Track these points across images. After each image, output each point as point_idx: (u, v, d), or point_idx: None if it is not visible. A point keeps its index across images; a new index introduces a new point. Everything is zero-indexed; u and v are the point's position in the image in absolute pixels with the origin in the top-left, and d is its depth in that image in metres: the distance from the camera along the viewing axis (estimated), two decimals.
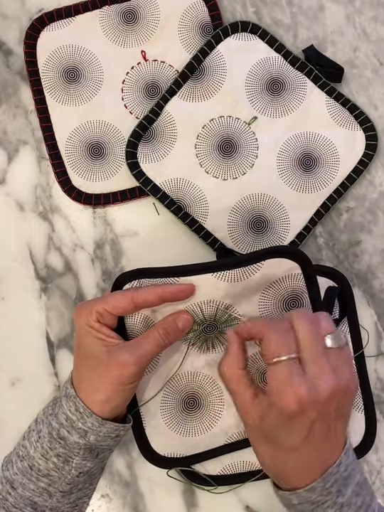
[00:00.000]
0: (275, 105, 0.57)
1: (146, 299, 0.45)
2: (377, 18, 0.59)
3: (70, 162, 0.57)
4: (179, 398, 0.51)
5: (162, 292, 0.45)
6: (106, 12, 0.57)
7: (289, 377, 0.38)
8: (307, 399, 0.38)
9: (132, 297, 0.45)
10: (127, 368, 0.44)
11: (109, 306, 0.45)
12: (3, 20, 0.59)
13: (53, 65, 0.57)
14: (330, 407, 0.39)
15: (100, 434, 0.44)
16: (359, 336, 0.54)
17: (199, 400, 0.52)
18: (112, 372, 0.44)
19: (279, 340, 0.40)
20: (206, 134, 0.56)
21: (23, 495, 0.45)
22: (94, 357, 0.45)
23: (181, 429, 0.52)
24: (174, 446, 0.52)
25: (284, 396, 0.38)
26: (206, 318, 0.48)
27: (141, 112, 0.57)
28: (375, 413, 0.54)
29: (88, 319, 0.45)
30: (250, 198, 0.56)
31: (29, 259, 0.57)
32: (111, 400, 0.44)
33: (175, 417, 0.52)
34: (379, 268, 0.57)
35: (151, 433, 0.51)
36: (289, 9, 0.59)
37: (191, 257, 0.57)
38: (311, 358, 0.39)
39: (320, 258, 0.57)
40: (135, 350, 0.44)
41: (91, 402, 0.44)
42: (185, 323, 0.47)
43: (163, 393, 0.51)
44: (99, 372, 0.44)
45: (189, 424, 0.52)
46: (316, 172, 0.57)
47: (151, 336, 0.46)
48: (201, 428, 0.52)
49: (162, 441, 0.52)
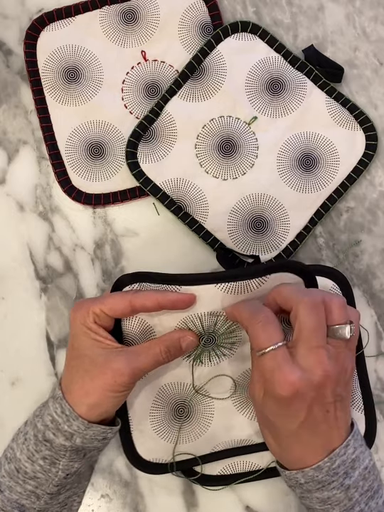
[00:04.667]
0: (275, 105, 0.57)
1: (144, 304, 0.44)
2: (377, 18, 0.59)
3: (70, 162, 0.57)
4: (169, 406, 0.51)
5: (162, 299, 0.44)
6: (106, 12, 0.57)
7: (279, 366, 0.39)
8: (299, 384, 0.39)
9: (130, 300, 0.44)
10: (122, 376, 0.43)
11: (107, 307, 0.44)
12: (3, 20, 0.59)
13: (53, 65, 0.57)
14: (325, 391, 0.40)
15: (86, 436, 0.44)
16: (359, 336, 0.54)
17: (188, 409, 0.51)
18: (105, 378, 0.43)
19: (263, 331, 0.40)
20: (206, 133, 0.56)
21: (11, 498, 0.44)
22: (89, 359, 0.44)
23: (169, 436, 0.51)
24: (161, 453, 0.52)
25: (275, 384, 0.39)
26: (205, 330, 0.47)
27: (141, 111, 0.57)
28: (375, 413, 0.54)
29: (85, 319, 0.44)
30: (250, 198, 0.56)
31: (29, 259, 0.57)
32: (100, 405, 0.44)
33: (164, 424, 0.51)
34: (379, 268, 0.57)
35: (137, 438, 0.51)
36: (289, 9, 0.59)
37: (191, 257, 0.57)
38: (304, 349, 0.40)
39: (320, 258, 0.57)
40: (132, 361, 0.44)
41: (79, 404, 0.44)
42: (189, 345, 0.46)
43: (153, 400, 0.51)
44: (92, 375, 0.44)
45: (177, 432, 0.51)
46: (316, 172, 0.57)
47: (151, 350, 0.45)
48: (189, 436, 0.52)
49: (149, 447, 0.51)
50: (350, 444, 0.41)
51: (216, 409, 0.51)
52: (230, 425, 0.52)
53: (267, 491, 0.54)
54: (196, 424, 0.52)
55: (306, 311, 0.40)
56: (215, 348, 0.49)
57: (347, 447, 0.41)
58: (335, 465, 0.40)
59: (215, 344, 0.48)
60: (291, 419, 0.40)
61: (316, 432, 0.41)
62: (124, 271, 0.57)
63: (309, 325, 0.40)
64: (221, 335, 0.48)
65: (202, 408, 0.51)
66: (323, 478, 0.41)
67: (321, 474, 0.41)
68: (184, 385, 0.51)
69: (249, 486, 0.54)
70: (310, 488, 0.42)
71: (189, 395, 0.51)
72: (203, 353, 0.49)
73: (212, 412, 0.51)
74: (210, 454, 0.52)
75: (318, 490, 0.41)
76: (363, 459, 0.42)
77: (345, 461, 0.41)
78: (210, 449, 0.52)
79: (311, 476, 0.41)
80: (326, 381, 0.39)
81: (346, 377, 0.41)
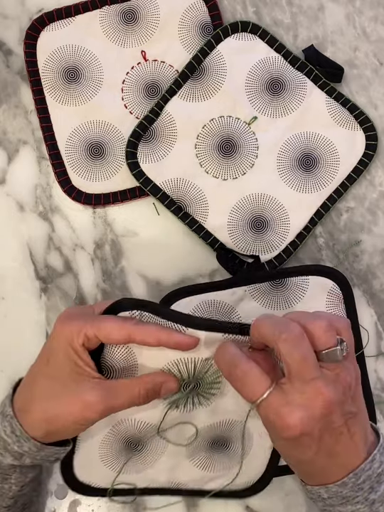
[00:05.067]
0: (275, 105, 0.57)
1: (144, 340, 0.41)
2: (377, 18, 0.59)
3: (70, 162, 0.57)
4: (124, 439, 0.49)
5: (165, 339, 0.41)
6: (106, 12, 0.57)
7: (275, 413, 0.37)
8: (302, 424, 0.37)
9: (130, 333, 0.41)
10: (92, 413, 0.40)
11: (102, 333, 0.41)
12: (3, 20, 0.58)
13: (53, 65, 0.57)
14: (332, 417, 0.38)
15: (37, 457, 0.42)
16: (359, 336, 0.54)
17: (142, 446, 0.49)
18: (74, 409, 0.40)
19: (245, 386, 0.38)
20: (206, 133, 0.56)
21: None
22: (61, 383, 0.41)
23: (113, 465, 0.50)
24: (99, 478, 0.50)
25: (278, 430, 0.38)
26: (194, 376, 0.45)
27: (141, 112, 0.57)
28: (375, 413, 0.54)
29: (73, 339, 0.40)
30: (250, 198, 0.56)
31: (29, 259, 0.57)
32: (60, 433, 0.42)
33: (112, 453, 0.49)
34: (379, 268, 0.57)
35: (79, 458, 0.49)
36: (289, 9, 0.59)
37: (191, 257, 0.57)
38: (298, 384, 0.37)
39: (320, 258, 0.57)
40: (107, 399, 0.41)
41: (37, 428, 0.41)
42: (168, 392, 0.43)
43: (110, 429, 0.48)
44: (60, 402, 0.40)
45: (123, 463, 0.50)
46: (316, 172, 0.57)
47: (130, 391, 0.42)
48: (132, 468, 0.50)
49: (88, 470, 0.50)
50: (376, 458, 0.40)
51: (168, 451, 0.50)
52: (174, 467, 0.51)
53: (267, 491, 0.54)
54: (143, 459, 0.50)
55: (287, 347, 0.37)
56: (195, 395, 0.46)
57: (373, 462, 0.39)
58: (360, 480, 0.39)
59: (196, 391, 0.46)
60: (305, 453, 0.39)
61: (333, 454, 0.39)
62: (124, 271, 0.57)
63: (295, 360, 0.37)
64: (207, 384, 0.45)
65: (154, 447, 0.50)
66: (348, 494, 0.39)
67: (346, 490, 0.39)
68: (148, 425, 0.47)
69: None
70: (333, 503, 0.40)
71: (148, 434, 0.48)
72: (181, 398, 0.46)
73: (163, 453, 0.50)
74: (148, 488, 0.51)
75: (341, 504, 0.40)
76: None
77: (370, 476, 0.39)
78: (147, 483, 0.51)
79: (335, 492, 0.40)
80: (330, 409, 0.37)
81: (352, 391, 0.39)
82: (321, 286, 0.53)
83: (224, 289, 0.53)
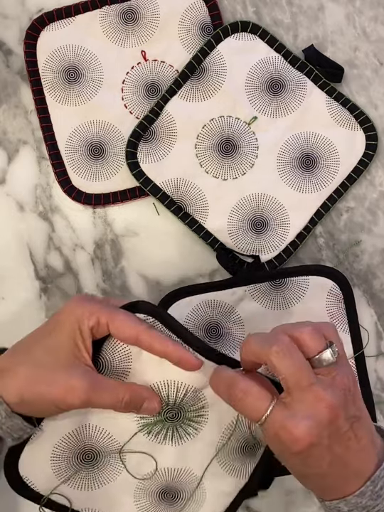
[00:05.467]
0: (275, 105, 0.57)
1: (151, 345, 0.41)
2: (377, 18, 0.59)
3: (70, 162, 0.57)
4: (80, 446, 0.45)
5: (172, 351, 0.41)
6: (106, 12, 0.57)
7: (282, 427, 0.37)
8: (310, 434, 0.36)
9: (140, 334, 0.41)
10: (73, 398, 0.39)
11: (114, 325, 0.41)
12: (3, 20, 0.58)
13: (53, 65, 0.57)
14: (338, 423, 0.38)
15: (3, 427, 0.40)
16: (359, 336, 0.54)
17: (96, 461, 0.46)
18: (57, 388, 0.39)
19: (249, 406, 0.38)
20: (206, 133, 0.56)
21: None
22: (55, 357, 0.40)
23: (60, 471, 0.46)
24: (40, 480, 0.46)
25: (288, 444, 0.37)
26: (177, 404, 0.44)
27: (141, 112, 0.57)
28: (375, 413, 0.54)
29: (84, 320, 0.40)
30: (250, 198, 0.56)
31: (29, 259, 0.57)
32: (32, 405, 0.40)
33: (63, 458, 0.45)
34: (379, 268, 0.57)
35: (29, 450, 0.45)
36: (289, 9, 0.59)
37: (191, 257, 0.57)
38: (297, 393, 0.37)
39: (320, 258, 0.57)
40: (93, 390, 0.40)
41: (13, 391, 0.39)
42: (148, 411, 0.43)
43: (72, 431, 0.45)
44: (47, 375, 0.40)
45: (71, 473, 0.46)
46: (316, 172, 0.57)
47: (115, 393, 0.41)
48: (76, 483, 0.46)
49: (33, 467, 0.46)
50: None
51: (118, 480, 0.47)
52: (116, 502, 0.47)
53: (267, 490, 0.54)
54: (91, 476, 0.46)
55: (279, 360, 0.37)
56: (171, 426, 0.45)
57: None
58: (377, 487, 0.39)
59: (174, 423, 0.45)
60: (318, 466, 0.38)
61: (345, 464, 0.39)
62: (124, 271, 0.57)
63: (290, 371, 0.37)
64: (187, 419, 0.45)
65: (108, 468, 0.46)
66: (367, 503, 0.39)
67: (365, 499, 0.39)
68: (113, 440, 0.45)
69: None
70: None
71: (109, 450, 0.45)
72: (157, 423, 0.44)
73: (113, 480, 0.47)
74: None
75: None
76: None
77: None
78: (82, 507, 0.47)
79: (355, 504, 0.39)
80: (335, 413, 0.37)
81: (352, 394, 0.39)
82: (321, 286, 0.53)
83: (224, 289, 0.53)
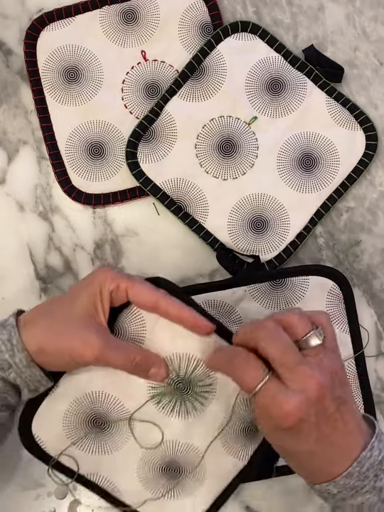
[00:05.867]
0: (275, 105, 0.57)
1: (168, 310, 0.44)
2: (377, 18, 0.59)
3: (70, 162, 0.57)
4: (93, 410, 0.48)
5: (188, 316, 0.44)
6: (106, 12, 0.57)
7: (274, 400, 0.39)
8: (299, 408, 0.38)
9: (158, 299, 0.43)
10: (89, 352, 0.42)
11: (133, 291, 0.43)
12: (3, 20, 0.58)
13: (53, 65, 0.57)
14: (325, 402, 0.39)
15: (22, 375, 0.42)
16: (359, 336, 0.54)
17: (105, 427, 0.49)
18: (75, 341, 0.42)
19: (245, 373, 0.40)
20: (206, 133, 0.56)
21: None
22: (74, 314, 0.43)
23: (71, 433, 0.48)
24: (51, 440, 0.48)
25: (278, 418, 0.39)
26: (186, 377, 0.46)
27: (141, 112, 0.57)
28: (375, 413, 0.54)
29: (105, 283, 0.43)
30: (250, 198, 0.56)
31: (29, 259, 0.57)
32: (49, 356, 0.42)
33: (75, 420, 0.48)
34: (379, 268, 0.57)
35: (45, 407, 0.47)
36: (289, 9, 0.59)
37: (191, 257, 0.57)
38: (286, 373, 0.39)
39: (320, 258, 0.57)
40: (107, 347, 0.43)
41: (33, 340, 0.42)
42: (155, 377, 0.45)
43: (88, 393, 0.48)
44: (66, 327, 0.42)
45: (81, 437, 0.49)
46: (316, 172, 0.57)
47: (128, 353, 0.44)
48: (85, 447, 0.49)
49: (46, 425, 0.48)
50: (374, 445, 0.41)
51: (125, 448, 0.49)
52: (120, 469, 0.50)
53: (267, 491, 0.54)
54: (100, 441, 0.49)
55: (267, 343, 0.40)
56: (180, 399, 0.47)
57: (372, 450, 0.41)
58: (364, 468, 0.40)
59: (182, 396, 0.47)
60: (305, 442, 0.40)
61: (332, 443, 0.40)
62: (123, 271, 0.57)
63: (277, 351, 0.39)
64: (195, 393, 0.47)
65: (117, 434, 0.49)
66: (356, 484, 0.40)
67: (352, 480, 0.40)
68: (123, 408, 0.48)
69: (250, 486, 0.54)
70: (344, 497, 0.41)
71: (119, 417, 0.48)
72: (167, 394, 0.47)
73: (120, 447, 0.49)
74: (85, 478, 0.50)
75: (351, 497, 0.41)
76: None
77: (373, 464, 0.40)
78: (88, 471, 0.50)
79: (343, 485, 0.41)
80: (322, 391, 0.39)
81: (339, 377, 0.41)
82: (321, 286, 0.53)
83: (224, 289, 0.53)
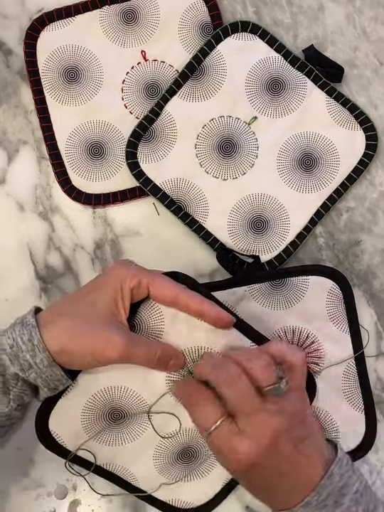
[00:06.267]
0: (275, 105, 0.57)
1: (188, 304, 0.44)
2: (377, 18, 0.59)
3: (70, 162, 0.57)
4: (110, 405, 0.48)
5: (208, 309, 0.44)
6: (106, 12, 0.57)
7: (227, 441, 0.39)
8: (251, 454, 0.38)
9: (178, 294, 0.43)
10: (112, 351, 0.41)
11: (154, 286, 0.43)
12: (3, 20, 0.58)
13: (53, 65, 0.57)
14: (280, 445, 0.39)
15: (43, 375, 0.42)
16: (359, 336, 0.54)
17: (124, 420, 0.49)
18: (97, 339, 0.41)
19: (201, 414, 0.40)
20: (206, 133, 0.56)
21: None
22: (95, 313, 0.42)
23: (88, 427, 0.49)
24: (68, 435, 0.49)
25: (230, 462, 0.39)
26: None
27: (141, 112, 0.57)
28: (375, 413, 0.54)
29: (126, 280, 0.43)
30: (250, 198, 0.56)
31: (29, 259, 0.57)
32: (72, 355, 0.42)
33: (92, 415, 0.48)
34: (379, 268, 0.57)
35: (62, 404, 0.48)
36: (289, 9, 0.59)
37: (191, 257, 0.57)
38: (242, 418, 0.39)
39: (320, 258, 0.57)
40: (130, 345, 0.42)
41: (55, 340, 0.41)
42: (174, 367, 0.46)
43: (101, 390, 0.48)
44: (88, 326, 0.42)
45: (98, 430, 0.49)
46: (316, 172, 0.57)
47: (150, 348, 0.44)
48: (103, 439, 0.50)
49: (63, 421, 0.48)
50: (334, 472, 0.40)
51: (142, 437, 0.50)
52: (137, 458, 0.50)
53: None
54: (114, 436, 0.50)
55: (225, 389, 0.40)
56: None
57: (331, 476, 0.40)
58: (322, 496, 0.40)
59: None
60: (263, 481, 0.40)
61: (291, 478, 0.40)
62: None
63: (235, 397, 0.39)
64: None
65: (135, 425, 0.49)
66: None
67: (311, 509, 0.40)
68: (141, 401, 0.48)
69: None
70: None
71: (137, 409, 0.48)
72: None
73: (137, 437, 0.50)
74: (102, 468, 0.51)
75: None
76: (352, 484, 0.41)
77: (332, 491, 0.40)
78: (105, 461, 0.51)
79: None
80: (276, 437, 0.39)
81: (300, 417, 0.41)
82: (321, 286, 0.53)
83: (224, 289, 0.53)
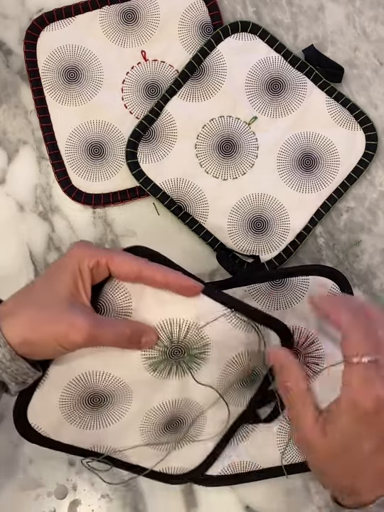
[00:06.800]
0: (275, 105, 0.57)
1: (153, 277, 0.41)
2: (377, 18, 0.59)
3: (70, 162, 0.57)
4: (86, 390, 0.46)
5: (174, 279, 0.42)
6: (106, 12, 0.57)
7: (369, 380, 0.36)
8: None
9: (141, 268, 0.41)
10: (76, 334, 0.39)
11: (114, 263, 0.41)
12: (3, 20, 0.59)
13: (53, 65, 0.57)
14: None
15: (8, 370, 0.40)
16: None
17: (102, 402, 0.47)
18: (60, 325, 0.39)
19: (361, 339, 0.37)
20: (206, 133, 0.56)
21: None
22: (56, 297, 0.40)
23: (70, 415, 0.47)
24: (50, 425, 0.47)
25: (362, 395, 0.36)
26: (179, 342, 0.45)
27: (141, 112, 0.57)
28: None
29: (84, 260, 0.40)
30: (250, 198, 0.56)
31: (29, 259, 0.57)
32: (36, 345, 0.39)
33: (72, 402, 0.47)
34: (379, 268, 0.57)
35: (37, 397, 0.46)
36: (289, 9, 0.59)
37: (191, 257, 0.57)
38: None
39: (320, 258, 0.57)
40: (94, 327, 0.39)
41: (16, 332, 0.39)
42: (147, 343, 0.43)
43: (81, 374, 0.46)
44: (49, 313, 0.39)
45: (84, 416, 0.48)
46: (316, 172, 0.57)
47: (117, 328, 0.41)
48: (83, 423, 0.48)
49: (42, 413, 0.47)
50: None
51: (126, 416, 0.48)
52: (124, 434, 0.49)
53: (267, 491, 0.54)
54: (98, 419, 0.48)
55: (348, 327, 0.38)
56: (175, 363, 0.46)
57: None
58: None
59: (177, 360, 0.46)
60: (369, 439, 0.37)
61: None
62: None
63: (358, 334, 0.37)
64: (190, 356, 0.45)
65: (115, 408, 0.48)
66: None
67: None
68: (120, 382, 0.46)
69: (249, 486, 0.54)
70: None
71: (115, 392, 0.47)
72: (162, 362, 0.45)
73: (121, 417, 0.48)
74: (88, 451, 0.50)
75: None
76: None
77: None
78: (92, 444, 0.50)
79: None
80: None
81: None
82: (321, 286, 0.53)
83: (224, 289, 0.53)
